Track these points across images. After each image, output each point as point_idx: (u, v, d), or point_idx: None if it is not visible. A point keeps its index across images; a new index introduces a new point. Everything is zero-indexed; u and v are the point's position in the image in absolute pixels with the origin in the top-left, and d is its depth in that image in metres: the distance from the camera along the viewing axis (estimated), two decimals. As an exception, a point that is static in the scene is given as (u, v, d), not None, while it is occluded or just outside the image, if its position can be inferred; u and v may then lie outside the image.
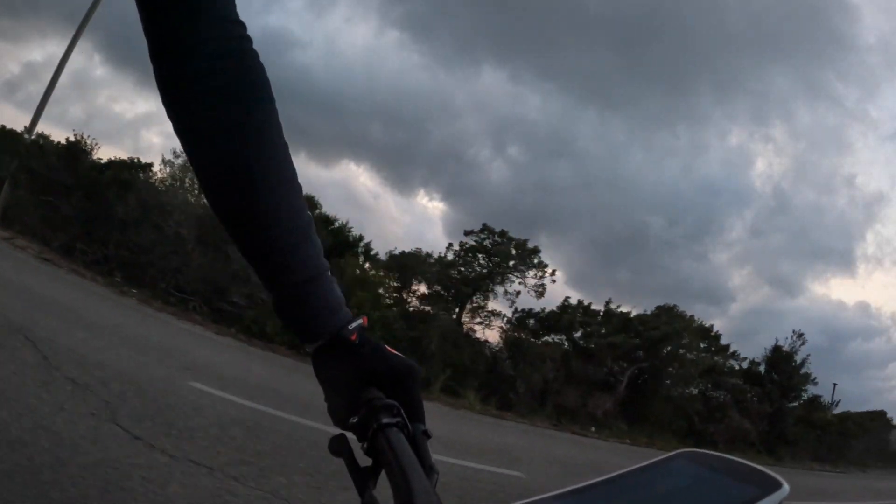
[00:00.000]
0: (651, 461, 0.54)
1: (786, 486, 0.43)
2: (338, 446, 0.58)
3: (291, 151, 0.64)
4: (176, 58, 0.59)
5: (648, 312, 17.39)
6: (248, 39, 0.62)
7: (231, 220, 0.63)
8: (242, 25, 0.62)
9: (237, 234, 0.63)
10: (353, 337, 0.64)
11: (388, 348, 0.65)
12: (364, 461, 0.59)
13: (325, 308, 0.64)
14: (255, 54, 0.62)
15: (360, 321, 0.66)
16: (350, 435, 0.61)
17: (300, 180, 0.65)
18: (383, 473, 0.57)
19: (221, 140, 0.60)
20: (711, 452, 0.52)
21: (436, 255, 16.30)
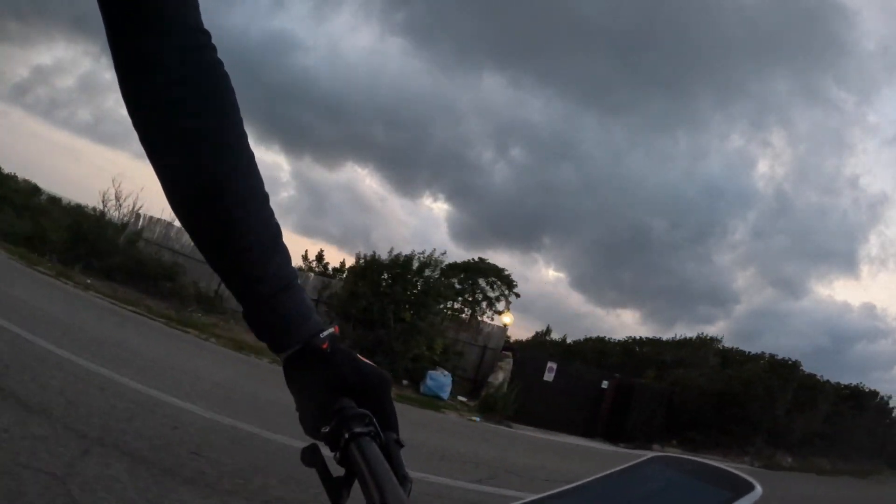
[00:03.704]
0: (624, 466, 0.55)
1: (758, 488, 0.43)
2: (310, 457, 0.58)
3: (297, 154, 0.64)
4: (138, 67, 0.58)
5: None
6: (213, 49, 0.61)
7: (200, 234, 0.62)
8: (207, 34, 0.60)
9: (207, 247, 0.62)
10: (325, 346, 0.63)
11: (360, 357, 0.64)
12: (337, 471, 0.58)
13: (295, 317, 0.64)
14: (219, 63, 0.61)
15: (331, 329, 0.65)
16: (322, 445, 0.60)
17: (302, 183, 0.64)
18: (356, 483, 0.56)
19: (187, 154, 0.59)
20: (684, 456, 0.53)
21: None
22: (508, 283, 22.85)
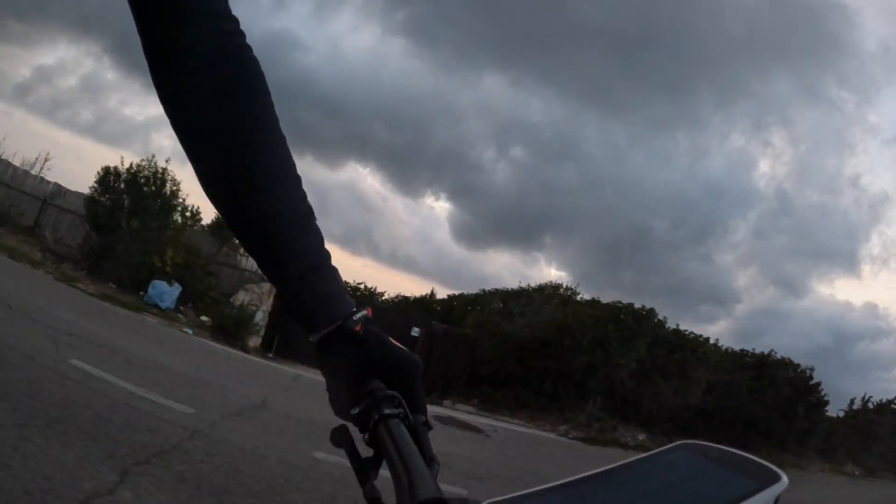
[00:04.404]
0: (651, 452, 0.55)
1: (784, 479, 0.43)
2: (339, 437, 0.59)
3: (298, 153, 0.64)
4: (169, 54, 0.58)
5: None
6: (242, 34, 0.61)
7: (233, 214, 0.63)
8: (236, 21, 0.61)
9: (239, 227, 0.63)
10: (358, 328, 0.64)
11: (392, 340, 0.65)
12: (366, 452, 0.59)
13: (328, 298, 0.64)
14: (248, 48, 0.62)
15: (364, 312, 0.65)
16: (352, 426, 0.61)
17: (306, 183, 0.65)
18: (384, 464, 0.57)
19: (220, 137, 0.59)
20: (712, 444, 0.52)
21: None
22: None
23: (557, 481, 0.62)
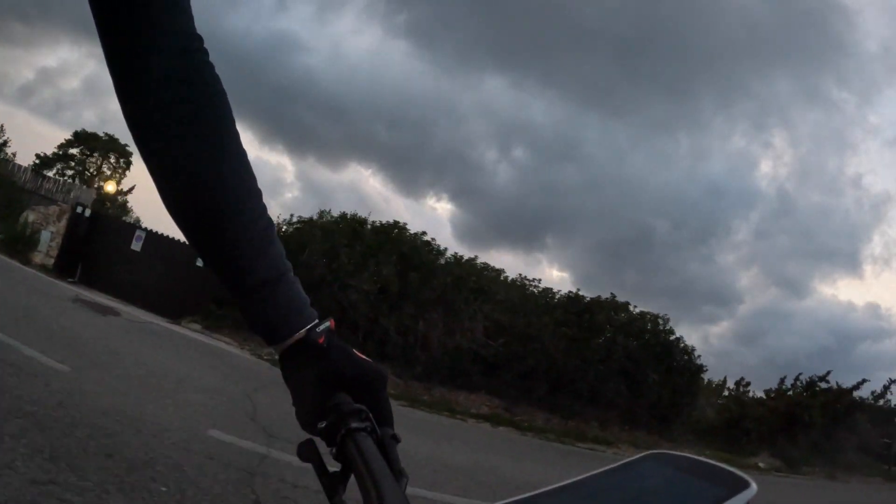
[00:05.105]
0: (619, 463, 0.55)
1: (753, 486, 0.44)
2: (306, 452, 0.58)
3: (300, 155, 0.64)
4: (130, 69, 0.58)
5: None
6: (204, 52, 0.62)
7: (191, 228, 0.63)
8: (199, 39, 0.61)
9: (198, 241, 0.63)
10: (321, 340, 0.63)
11: (356, 352, 0.64)
12: (333, 466, 0.58)
13: (288, 309, 0.64)
14: (210, 66, 0.62)
15: (327, 324, 0.65)
16: (319, 440, 0.60)
17: (308, 184, 0.65)
18: (353, 478, 0.56)
19: (178, 153, 0.60)
20: (680, 454, 0.53)
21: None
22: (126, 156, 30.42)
23: (522, 495, 0.62)
